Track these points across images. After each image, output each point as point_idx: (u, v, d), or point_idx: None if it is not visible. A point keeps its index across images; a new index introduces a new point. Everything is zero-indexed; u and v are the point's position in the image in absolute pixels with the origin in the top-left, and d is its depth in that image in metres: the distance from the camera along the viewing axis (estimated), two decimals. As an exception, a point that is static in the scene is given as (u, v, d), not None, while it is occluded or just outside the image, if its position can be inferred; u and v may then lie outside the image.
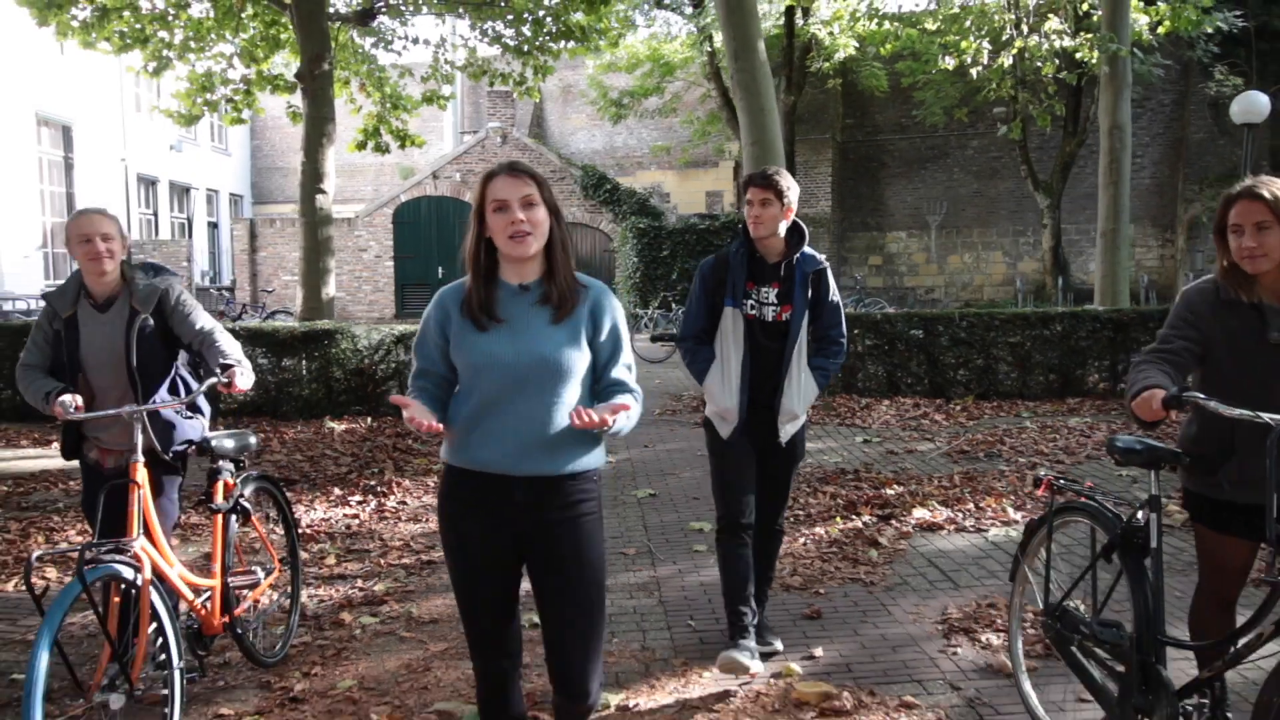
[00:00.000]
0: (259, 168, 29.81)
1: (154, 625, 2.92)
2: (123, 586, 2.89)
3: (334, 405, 9.24)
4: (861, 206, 23.07)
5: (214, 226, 26.87)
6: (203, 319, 3.42)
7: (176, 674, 2.87)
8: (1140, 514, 2.70)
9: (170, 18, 13.09)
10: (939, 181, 22.64)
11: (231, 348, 3.36)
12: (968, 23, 16.43)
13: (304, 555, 5.27)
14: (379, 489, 6.58)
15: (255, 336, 9.26)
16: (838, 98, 22.44)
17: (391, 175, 28.06)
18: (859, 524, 5.54)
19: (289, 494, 6.42)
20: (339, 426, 8.71)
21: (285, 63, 14.62)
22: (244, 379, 3.24)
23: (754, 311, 3.54)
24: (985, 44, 15.75)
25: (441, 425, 2.29)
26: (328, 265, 11.83)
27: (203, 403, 3.54)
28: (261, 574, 3.64)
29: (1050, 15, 15.89)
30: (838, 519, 5.63)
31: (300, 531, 5.70)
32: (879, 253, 23.08)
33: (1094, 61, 13.72)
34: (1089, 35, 13.86)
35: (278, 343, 9.22)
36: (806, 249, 3.58)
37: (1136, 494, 5.98)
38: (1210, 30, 15.14)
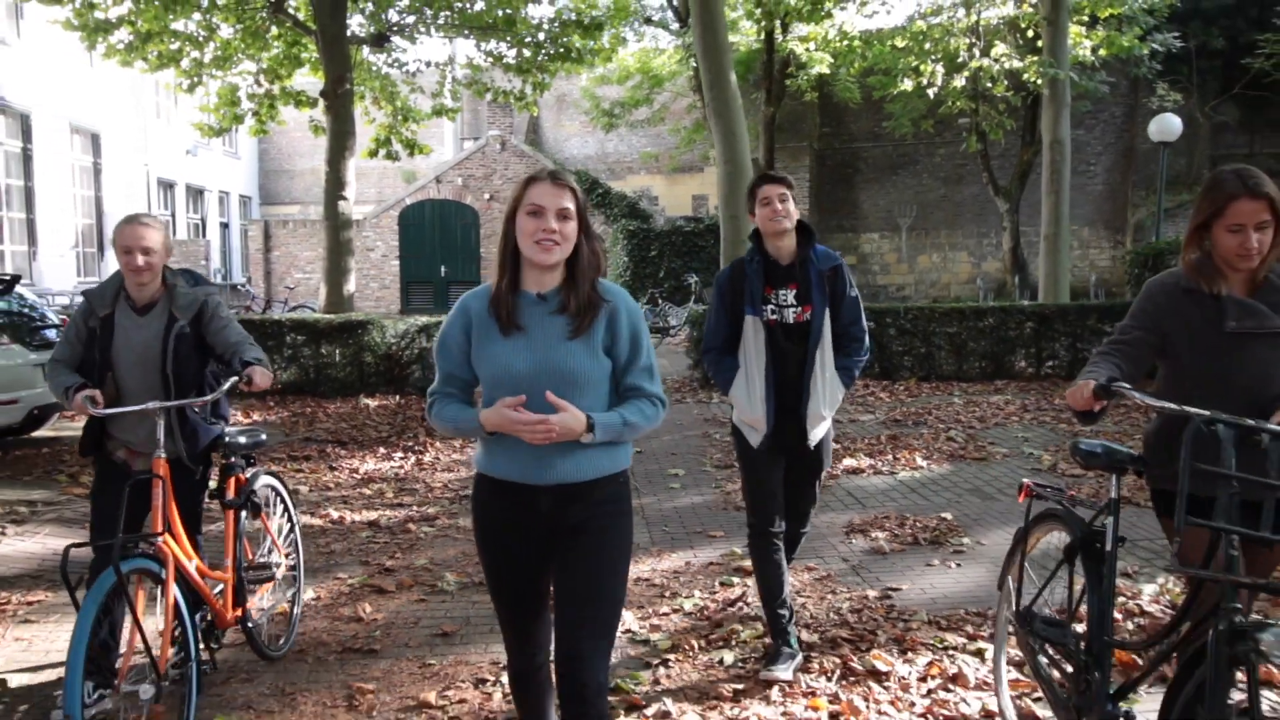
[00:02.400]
0: (266, 170, 31.21)
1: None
2: (147, 579, 3.03)
3: (365, 385, 10.73)
4: (837, 210, 24.60)
5: (225, 227, 28.28)
6: (236, 333, 3.48)
7: (194, 665, 3.02)
8: (1101, 519, 2.71)
9: (202, 39, 14.57)
10: (909, 186, 24.21)
11: (255, 352, 3.44)
12: (927, 45, 17.95)
13: (366, 493, 6.77)
14: (416, 448, 8.08)
15: (298, 326, 10.75)
16: (815, 108, 23.99)
17: (394, 179, 29.48)
18: (800, 470, 7.07)
19: (343, 453, 7.98)
20: (373, 403, 10.21)
21: (304, 73, 16.03)
22: (262, 377, 3.33)
23: (775, 316, 3.53)
24: (940, 67, 17.29)
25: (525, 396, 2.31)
26: (348, 264, 13.35)
27: (225, 409, 3.67)
28: (273, 568, 3.81)
29: (998, 41, 17.49)
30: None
31: (359, 477, 7.21)
32: (854, 253, 24.59)
33: (1038, 83, 15.28)
34: (1034, 58, 15.40)
35: (318, 332, 10.71)
36: (819, 246, 3.60)
37: (1083, 482, 7.51)
38: (1148, 51, 16.69)
